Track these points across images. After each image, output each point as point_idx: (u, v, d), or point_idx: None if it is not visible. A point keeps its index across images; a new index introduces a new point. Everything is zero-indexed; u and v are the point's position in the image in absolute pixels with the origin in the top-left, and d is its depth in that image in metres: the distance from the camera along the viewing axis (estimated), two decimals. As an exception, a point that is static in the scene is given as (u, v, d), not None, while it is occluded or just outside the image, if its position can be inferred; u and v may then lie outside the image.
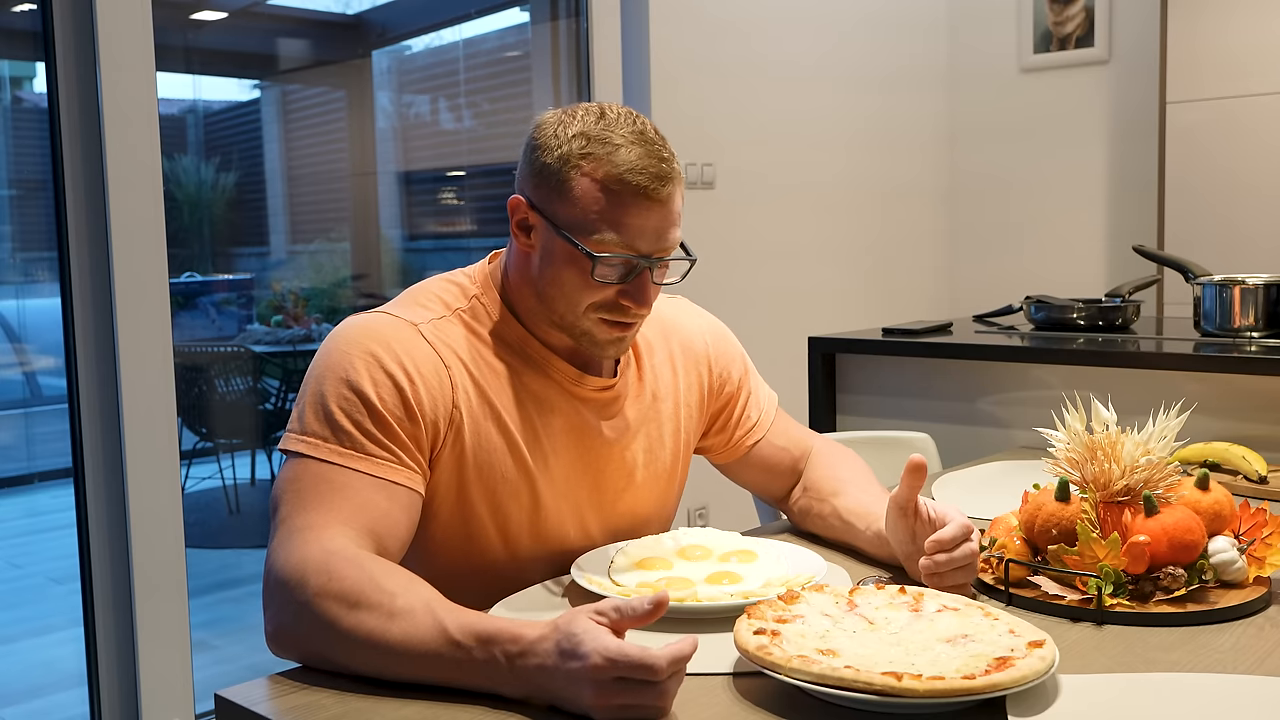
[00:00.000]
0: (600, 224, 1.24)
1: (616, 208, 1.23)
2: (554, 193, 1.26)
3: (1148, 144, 3.69)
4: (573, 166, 1.24)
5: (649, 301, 1.28)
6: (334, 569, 1.07)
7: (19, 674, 2.87)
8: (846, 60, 3.85)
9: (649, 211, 1.24)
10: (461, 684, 1.01)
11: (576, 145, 1.25)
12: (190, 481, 3.39)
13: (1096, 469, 1.30)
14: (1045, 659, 0.99)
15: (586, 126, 1.26)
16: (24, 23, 2.45)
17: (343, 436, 1.19)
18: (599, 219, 1.24)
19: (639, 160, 1.24)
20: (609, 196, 1.23)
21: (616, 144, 1.24)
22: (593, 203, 1.24)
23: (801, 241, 3.71)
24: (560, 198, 1.25)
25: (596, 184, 1.23)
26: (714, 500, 3.34)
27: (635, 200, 1.23)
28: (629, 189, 1.23)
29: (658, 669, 0.93)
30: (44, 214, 2.35)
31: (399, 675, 1.03)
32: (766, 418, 1.57)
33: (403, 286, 3.60)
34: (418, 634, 1.02)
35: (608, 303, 1.27)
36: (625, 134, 1.25)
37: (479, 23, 3.55)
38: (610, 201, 1.23)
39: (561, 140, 1.26)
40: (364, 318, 1.28)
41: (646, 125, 1.28)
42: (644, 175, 1.23)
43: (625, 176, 1.23)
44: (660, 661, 0.93)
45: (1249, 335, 2.24)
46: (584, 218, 1.24)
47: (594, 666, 0.94)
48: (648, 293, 1.28)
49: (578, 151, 1.24)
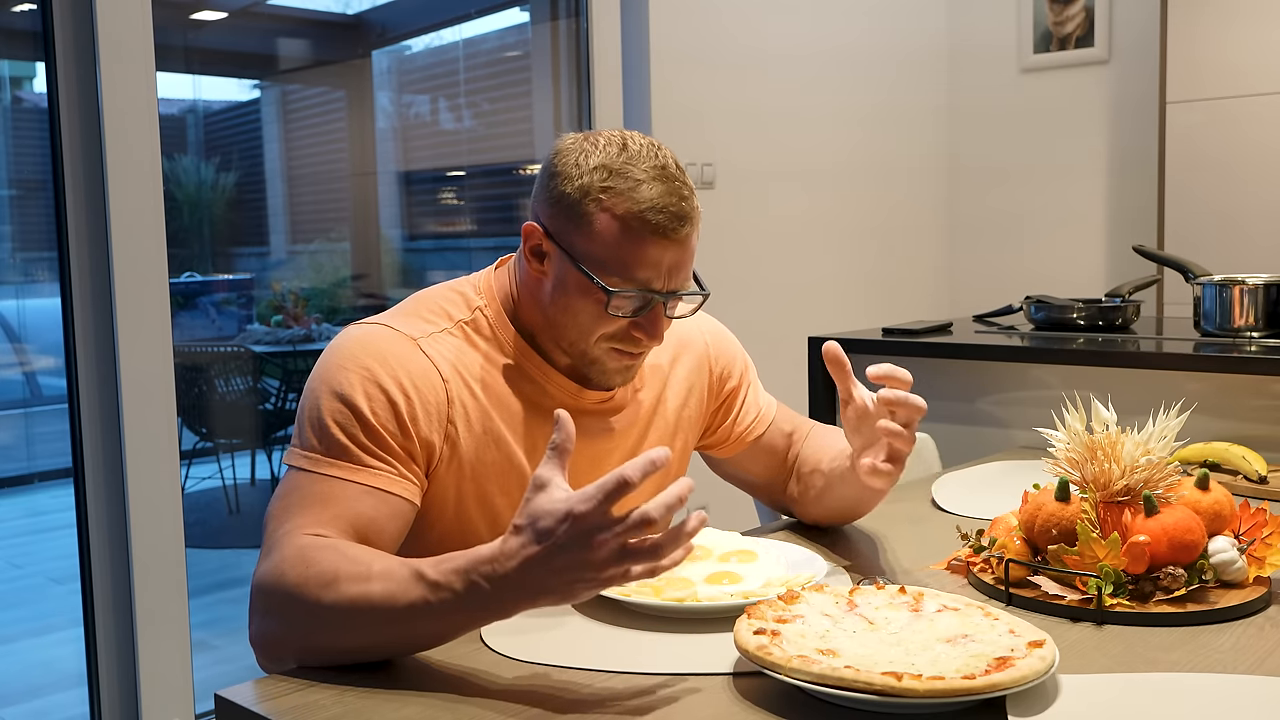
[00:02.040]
0: (617, 261, 1.23)
1: (635, 246, 1.23)
2: (571, 224, 1.25)
3: (1148, 144, 3.69)
4: (592, 200, 1.23)
5: (661, 335, 1.29)
6: (309, 558, 1.08)
7: (19, 674, 2.86)
8: (847, 61, 3.85)
9: (666, 251, 1.24)
10: (452, 627, 1.03)
11: (598, 178, 1.23)
12: (190, 481, 3.39)
13: (1096, 469, 1.30)
14: (1045, 659, 0.99)
15: (608, 159, 1.24)
16: (24, 23, 2.45)
17: (336, 450, 1.19)
18: (616, 255, 1.23)
19: (660, 199, 1.23)
20: (627, 234, 1.23)
21: (638, 179, 1.23)
22: (611, 239, 1.23)
23: (801, 241, 3.71)
24: (578, 230, 1.24)
25: (616, 220, 1.23)
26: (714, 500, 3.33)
27: (654, 239, 1.23)
28: (649, 228, 1.22)
29: (627, 478, 0.95)
30: (44, 214, 2.35)
31: (389, 639, 1.04)
32: (769, 410, 1.58)
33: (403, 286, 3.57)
34: (398, 588, 1.03)
35: (619, 334, 1.28)
36: (647, 169, 1.24)
37: (479, 23, 3.55)
38: (629, 239, 1.23)
39: (582, 170, 1.24)
40: (364, 329, 1.28)
41: (668, 160, 1.27)
42: (664, 215, 1.22)
43: (646, 215, 1.22)
44: (627, 471, 0.96)
45: (1249, 335, 2.24)
46: (602, 253, 1.23)
47: (579, 515, 0.96)
48: (660, 326, 1.28)
49: (598, 184, 1.23)
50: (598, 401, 1.37)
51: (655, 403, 1.44)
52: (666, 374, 1.46)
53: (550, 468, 1.00)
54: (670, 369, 1.47)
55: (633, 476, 0.95)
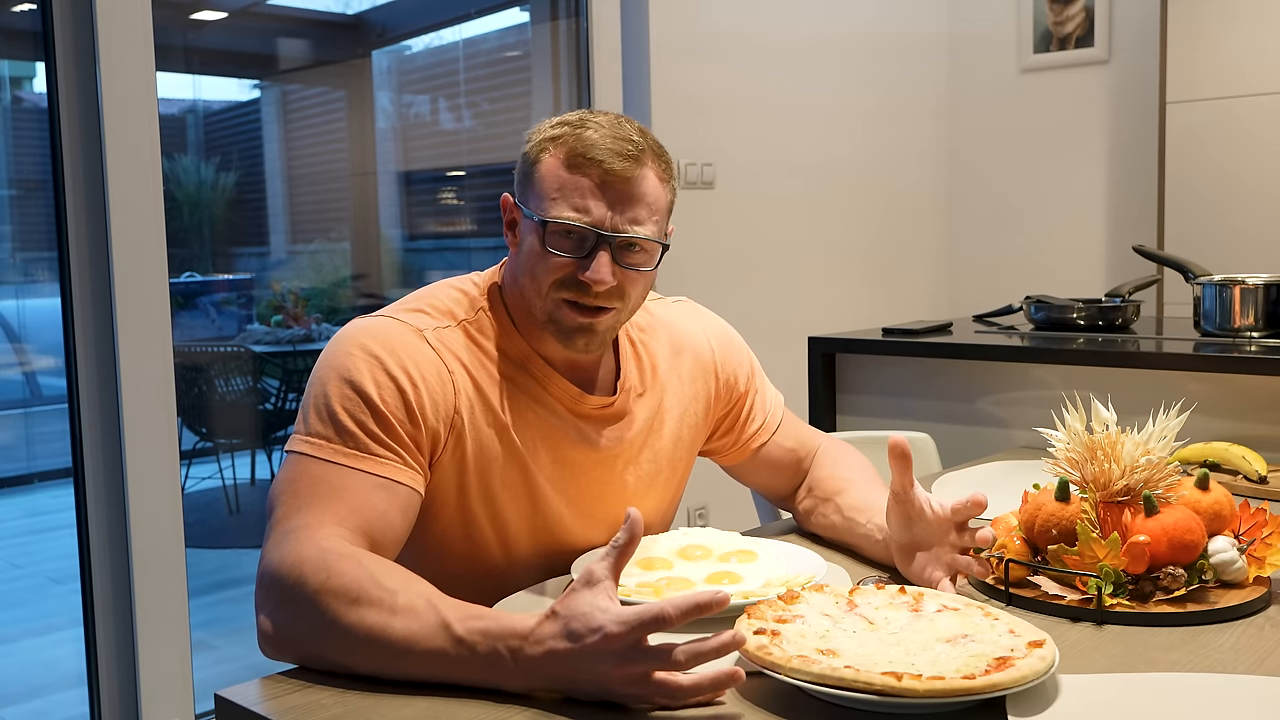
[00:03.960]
0: (556, 196, 1.26)
1: (572, 177, 1.26)
2: (527, 179, 1.30)
3: (1148, 144, 3.69)
4: (543, 150, 1.28)
5: (603, 278, 1.25)
6: (332, 566, 1.07)
7: (19, 674, 2.86)
8: (847, 59, 3.85)
9: (605, 184, 1.25)
10: (464, 680, 1.01)
11: (551, 133, 1.28)
12: (190, 481, 3.39)
13: (1096, 469, 1.30)
14: (1045, 659, 0.99)
15: (564, 119, 1.30)
16: (24, 23, 2.45)
17: (345, 437, 1.19)
18: (556, 190, 1.26)
19: (602, 139, 1.26)
20: (569, 169, 1.26)
21: (587, 128, 1.27)
22: (553, 177, 1.26)
23: (802, 241, 3.71)
24: (529, 182, 1.29)
25: (559, 161, 1.27)
26: (714, 500, 3.34)
27: (590, 170, 1.25)
28: (585, 160, 1.25)
29: (667, 615, 0.94)
30: (44, 214, 2.35)
31: (399, 672, 1.03)
32: (773, 419, 1.57)
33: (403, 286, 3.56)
34: (421, 631, 1.02)
35: (568, 280, 1.26)
36: (599, 122, 1.28)
37: (479, 23, 3.55)
38: (568, 172, 1.26)
39: (541, 132, 1.30)
40: (369, 320, 1.29)
41: (628, 122, 1.30)
42: (604, 150, 1.25)
43: (585, 151, 1.25)
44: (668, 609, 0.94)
45: (1249, 335, 2.24)
46: (543, 190, 1.27)
47: (611, 635, 0.94)
48: (600, 266, 1.25)
49: (550, 137, 1.28)
50: (598, 407, 1.37)
51: (657, 409, 1.44)
52: (669, 380, 1.46)
53: (605, 567, 0.99)
54: (673, 374, 1.46)
55: (673, 614, 0.94)
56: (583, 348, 1.30)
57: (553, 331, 1.29)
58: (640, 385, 1.42)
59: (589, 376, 1.38)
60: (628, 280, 1.28)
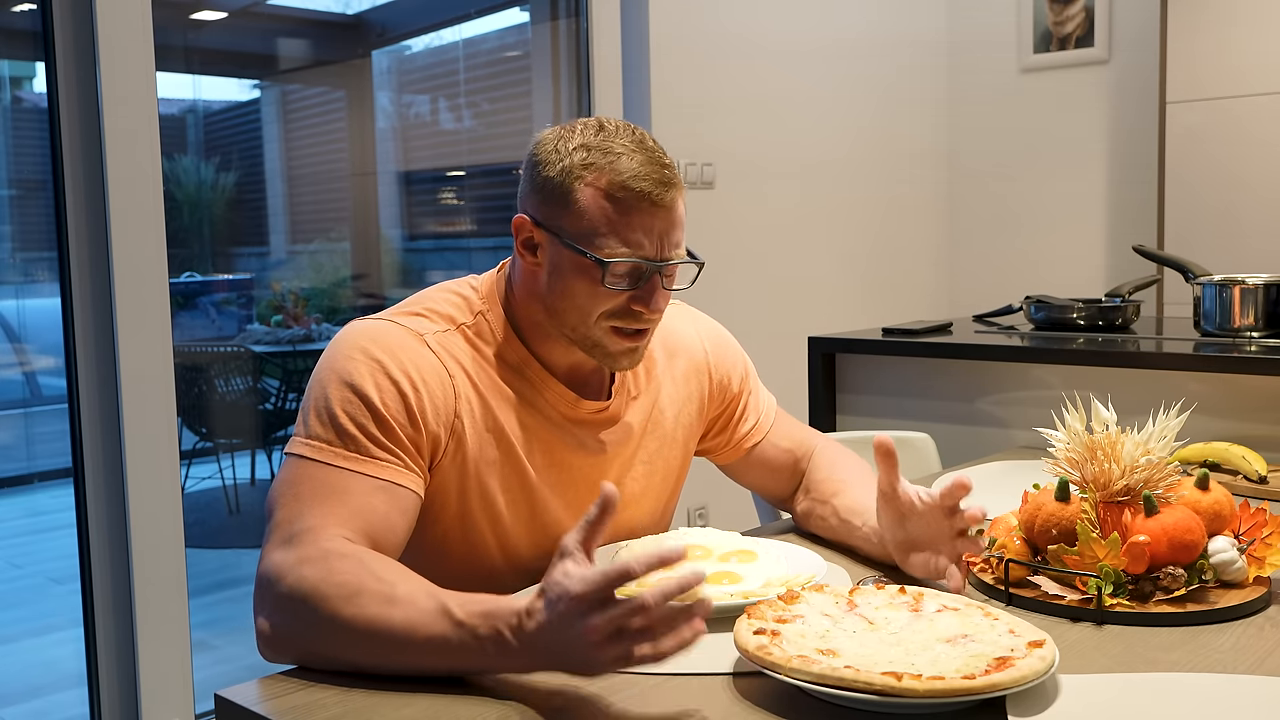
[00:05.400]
0: (607, 231, 1.24)
1: (622, 214, 1.24)
2: (559, 206, 1.26)
3: (1148, 144, 3.69)
4: (576, 178, 1.25)
5: (660, 307, 1.29)
6: (331, 564, 1.08)
7: (19, 674, 2.86)
8: (847, 59, 3.85)
9: (654, 216, 1.25)
10: (468, 667, 1.02)
11: (578, 157, 1.25)
12: (190, 481, 3.39)
13: (1096, 469, 1.30)
14: (1045, 659, 0.99)
15: (586, 139, 1.27)
16: (24, 23, 2.45)
17: (346, 439, 1.19)
18: (606, 226, 1.24)
19: (641, 167, 1.25)
20: (614, 204, 1.24)
21: (618, 153, 1.25)
22: (598, 211, 1.24)
23: (801, 241, 3.71)
24: (565, 210, 1.26)
25: (601, 193, 1.24)
26: (714, 500, 3.34)
27: (640, 205, 1.24)
28: (633, 195, 1.24)
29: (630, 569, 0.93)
30: (44, 214, 2.35)
31: (400, 664, 1.03)
32: (766, 419, 1.57)
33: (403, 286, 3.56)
34: (420, 618, 1.02)
35: (619, 310, 1.28)
36: (625, 143, 1.26)
37: (479, 23, 3.55)
38: (616, 209, 1.24)
39: (563, 154, 1.26)
40: (369, 323, 1.29)
41: (645, 135, 1.30)
42: (647, 181, 1.24)
43: (629, 183, 1.24)
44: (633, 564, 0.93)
45: (1249, 335, 2.24)
46: (591, 227, 1.25)
47: (577, 596, 0.94)
48: (658, 297, 1.28)
49: (580, 163, 1.25)
50: (594, 411, 1.37)
51: (651, 411, 1.44)
52: (663, 382, 1.46)
53: (575, 537, 0.99)
54: (667, 376, 1.47)
55: (637, 569, 0.94)
56: (627, 366, 1.33)
57: (597, 355, 1.31)
58: (634, 388, 1.43)
59: (585, 381, 1.38)
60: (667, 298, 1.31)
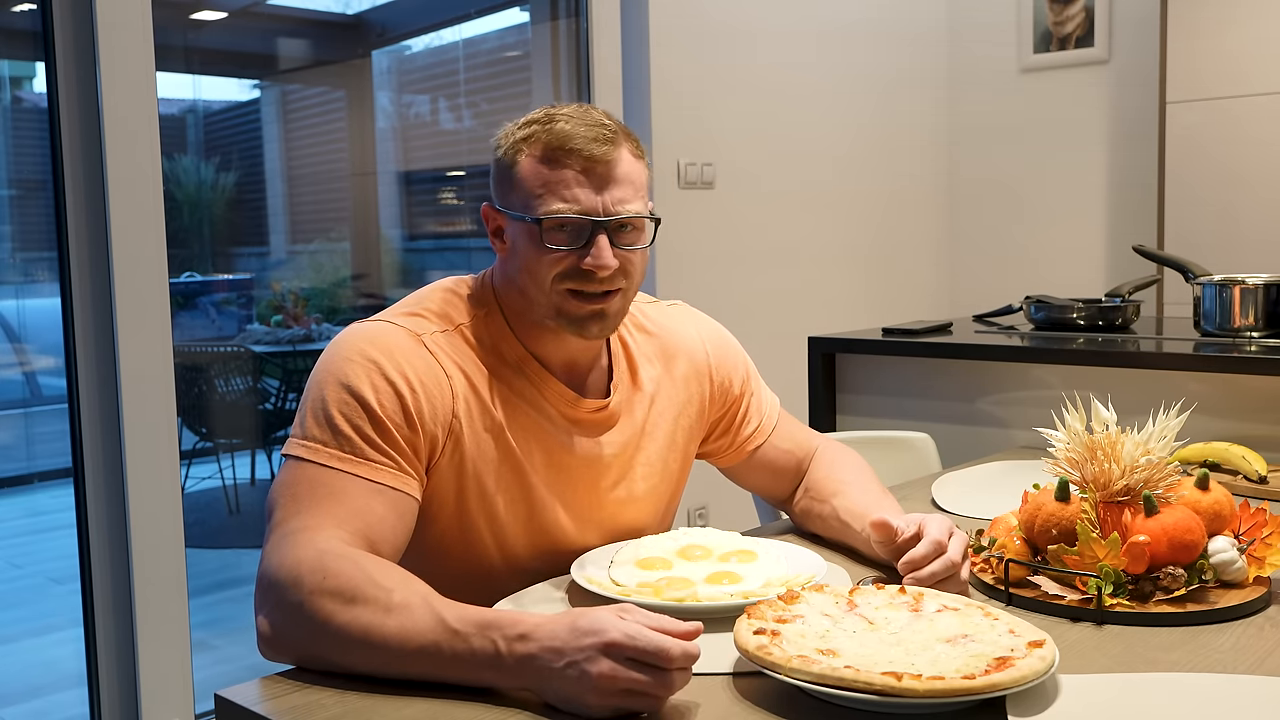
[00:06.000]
0: (543, 191, 1.26)
1: (555, 170, 1.26)
2: (506, 183, 1.30)
3: (1148, 144, 3.69)
4: (517, 152, 1.28)
5: (608, 262, 1.26)
6: (329, 567, 1.08)
7: (19, 674, 2.86)
8: (847, 60, 3.85)
9: (589, 172, 1.26)
10: (457, 677, 1.02)
11: (521, 134, 1.29)
12: (190, 481, 3.39)
13: (1096, 469, 1.30)
14: (1045, 659, 0.99)
15: (532, 118, 1.30)
16: (24, 23, 2.45)
17: (342, 441, 1.19)
18: (541, 187, 1.26)
19: (575, 128, 1.26)
20: (548, 165, 1.26)
21: (556, 121, 1.28)
22: (534, 175, 1.27)
23: (802, 241, 3.71)
24: (510, 185, 1.29)
25: (536, 159, 1.27)
26: (714, 500, 3.33)
27: (571, 160, 1.26)
28: (564, 152, 1.26)
29: (670, 655, 0.94)
30: (44, 214, 2.35)
31: (395, 671, 1.03)
32: (769, 421, 1.57)
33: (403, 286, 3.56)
34: (415, 627, 1.02)
35: (570, 271, 1.27)
36: (567, 113, 1.29)
37: (479, 23, 3.55)
38: (550, 168, 1.26)
39: (511, 134, 1.30)
40: (367, 325, 1.29)
41: (595, 110, 1.31)
42: (580, 139, 1.26)
43: (560, 143, 1.26)
44: (674, 649, 0.95)
45: (1249, 335, 2.24)
46: (529, 190, 1.27)
47: (611, 642, 0.95)
48: (604, 254, 1.26)
49: (522, 138, 1.28)
50: (593, 410, 1.37)
51: (650, 413, 1.44)
52: (663, 383, 1.46)
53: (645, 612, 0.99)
54: (667, 378, 1.46)
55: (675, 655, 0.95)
56: (597, 334, 1.32)
57: (564, 325, 1.30)
58: (634, 389, 1.43)
59: (584, 380, 1.38)
60: (627, 260, 1.29)
